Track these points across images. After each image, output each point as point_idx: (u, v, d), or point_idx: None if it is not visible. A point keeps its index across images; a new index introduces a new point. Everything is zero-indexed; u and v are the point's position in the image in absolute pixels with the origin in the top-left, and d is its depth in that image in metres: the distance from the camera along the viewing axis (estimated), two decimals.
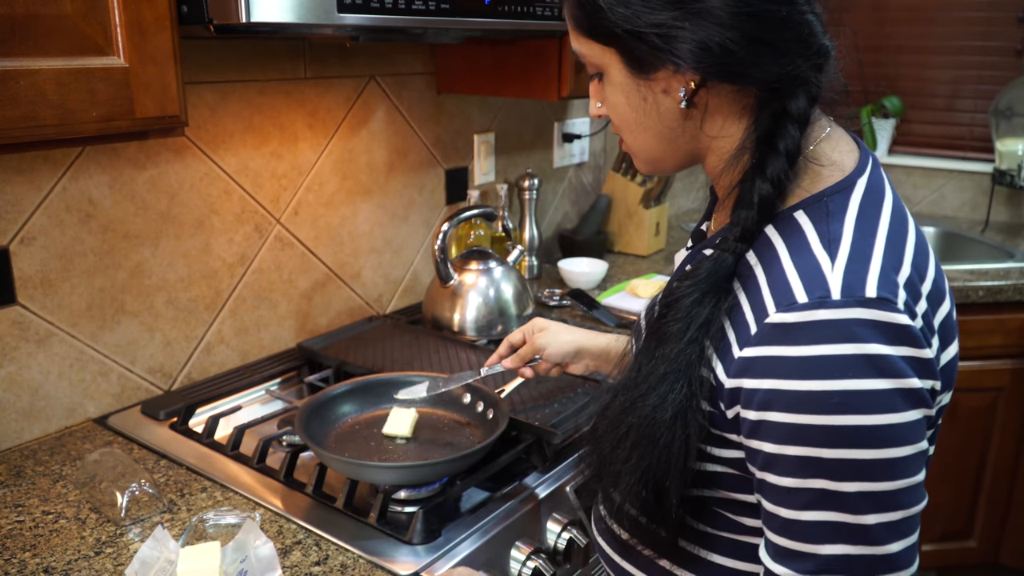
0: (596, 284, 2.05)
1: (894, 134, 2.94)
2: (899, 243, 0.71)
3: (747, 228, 0.72)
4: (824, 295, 0.65)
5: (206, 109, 1.41)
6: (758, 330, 0.68)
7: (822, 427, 0.64)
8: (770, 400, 0.66)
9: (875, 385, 0.63)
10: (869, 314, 0.64)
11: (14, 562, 0.97)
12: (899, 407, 0.64)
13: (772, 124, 0.72)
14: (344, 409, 1.23)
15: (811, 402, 0.64)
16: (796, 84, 0.71)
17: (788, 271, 0.68)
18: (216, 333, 1.51)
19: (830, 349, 0.63)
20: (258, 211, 1.53)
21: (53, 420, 1.29)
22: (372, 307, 1.83)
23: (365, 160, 1.73)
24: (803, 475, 0.66)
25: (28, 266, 1.22)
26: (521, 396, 1.31)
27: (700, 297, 0.72)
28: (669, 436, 0.72)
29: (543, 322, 1.21)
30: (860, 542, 0.65)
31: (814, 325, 0.64)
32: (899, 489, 0.65)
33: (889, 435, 0.64)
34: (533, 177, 2.08)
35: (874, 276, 0.66)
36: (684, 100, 0.74)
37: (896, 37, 2.88)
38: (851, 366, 0.63)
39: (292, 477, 1.16)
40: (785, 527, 0.68)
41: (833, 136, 0.77)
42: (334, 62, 1.62)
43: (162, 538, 0.97)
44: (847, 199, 0.71)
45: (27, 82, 0.85)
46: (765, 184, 0.72)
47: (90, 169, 1.27)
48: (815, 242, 0.69)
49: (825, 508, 0.66)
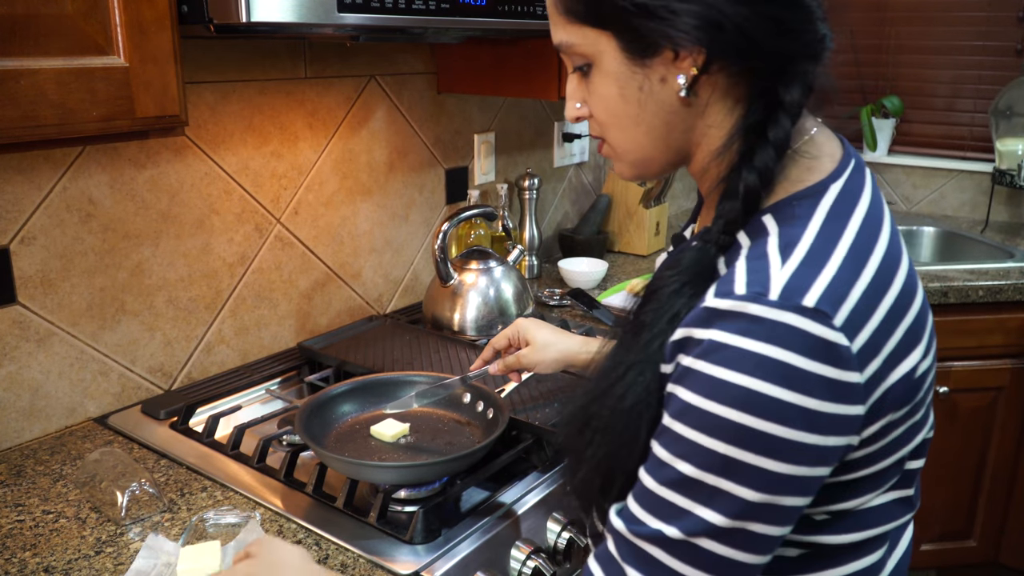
0: (596, 284, 2.05)
1: (894, 134, 2.94)
2: (863, 252, 0.68)
3: (731, 220, 0.71)
4: (762, 292, 0.63)
5: (206, 109, 1.41)
6: (693, 312, 0.67)
7: (712, 415, 0.63)
8: (682, 376, 0.66)
9: (777, 393, 0.61)
10: (800, 322, 0.62)
11: (14, 561, 0.97)
12: (794, 424, 0.61)
13: (764, 114, 0.71)
14: (344, 409, 1.23)
15: (713, 388, 0.63)
16: (794, 73, 0.70)
17: (739, 267, 0.67)
18: (216, 333, 1.51)
19: (748, 344, 0.62)
20: (258, 211, 1.53)
21: (53, 419, 1.29)
22: (372, 307, 1.83)
23: (365, 160, 1.73)
24: (676, 452, 0.66)
25: (28, 266, 1.22)
26: (521, 396, 1.31)
27: (678, 288, 0.72)
28: (625, 424, 0.72)
29: (528, 331, 1.18)
30: (696, 532, 0.65)
31: (740, 316, 0.63)
32: (759, 503, 0.63)
33: (772, 446, 0.62)
34: (533, 177, 2.08)
35: (820, 286, 0.63)
36: (685, 87, 0.71)
37: (896, 37, 2.88)
38: (761, 367, 0.61)
39: (292, 477, 1.16)
40: (642, 494, 0.69)
41: (817, 138, 0.75)
42: (334, 62, 1.62)
43: (155, 544, 0.96)
44: (816, 204, 0.70)
45: (27, 82, 0.85)
46: (752, 174, 0.70)
47: (90, 169, 1.27)
48: (773, 244, 0.67)
49: (680, 492, 0.65)
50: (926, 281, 2.09)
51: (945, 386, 2.14)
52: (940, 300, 2.08)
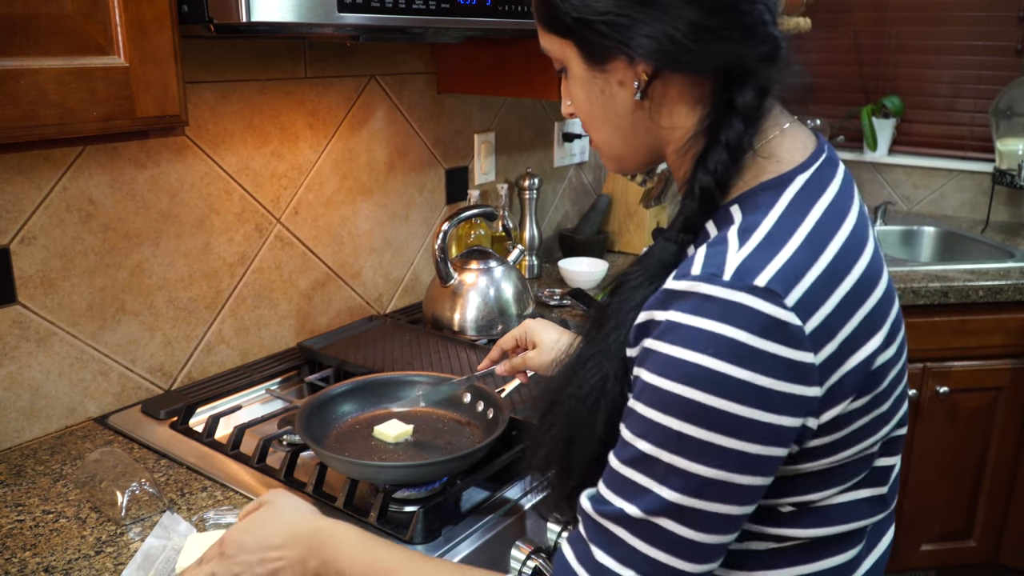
0: (596, 284, 2.05)
1: (894, 134, 2.93)
2: (821, 239, 0.69)
3: (688, 218, 0.74)
4: (715, 273, 0.65)
5: (206, 108, 1.41)
6: (653, 295, 0.69)
7: (667, 392, 0.65)
8: (643, 357, 0.68)
9: (727, 370, 0.63)
10: (751, 301, 0.63)
11: (14, 561, 0.97)
12: (744, 400, 0.63)
13: (718, 116, 0.73)
14: (344, 409, 1.23)
15: (668, 366, 0.65)
16: (744, 75, 0.72)
17: (700, 252, 0.69)
18: (216, 332, 1.51)
19: (700, 322, 0.64)
20: (258, 210, 1.53)
21: (53, 419, 1.29)
22: (372, 307, 1.83)
23: (365, 159, 1.73)
24: (636, 432, 0.68)
25: (28, 265, 1.22)
26: (521, 396, 1.31)
27: (640, 283, 0.74)
28: (579, 412, 0.75)
29: (535, 332, 1.18)
30: (654, 512, 0.66)
31: (695, 297, 0.65)
32: (712, 479, 0.65)
33: (722, 422, 0.64)
34: (533, 177, 2.08)
35: (773, 268, 0.65)
36: (638, 91, 0.75)
37: (896, 36, 2.88)
38: (712, 343, 0.63)
39: (292, 476, 1.16)
40: (609, 474, 0.70)
41: (790, 133, 0.76)
42: (334, 61, 1.62)
43: (170, 523, 0.97)
44: (780, 194, 0.72)
45: (28, 81, 0.85)
46: (706, 176, 0.72)
47: (90, 168, 1.27)
48: (733, 230, 0.70)
49: (638, 469, 0.67)
50: (926, 281, 2.09)
51: (945, 386, 2.14)
52: (940, 300, 2.08)
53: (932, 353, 2.13)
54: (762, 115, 0.74)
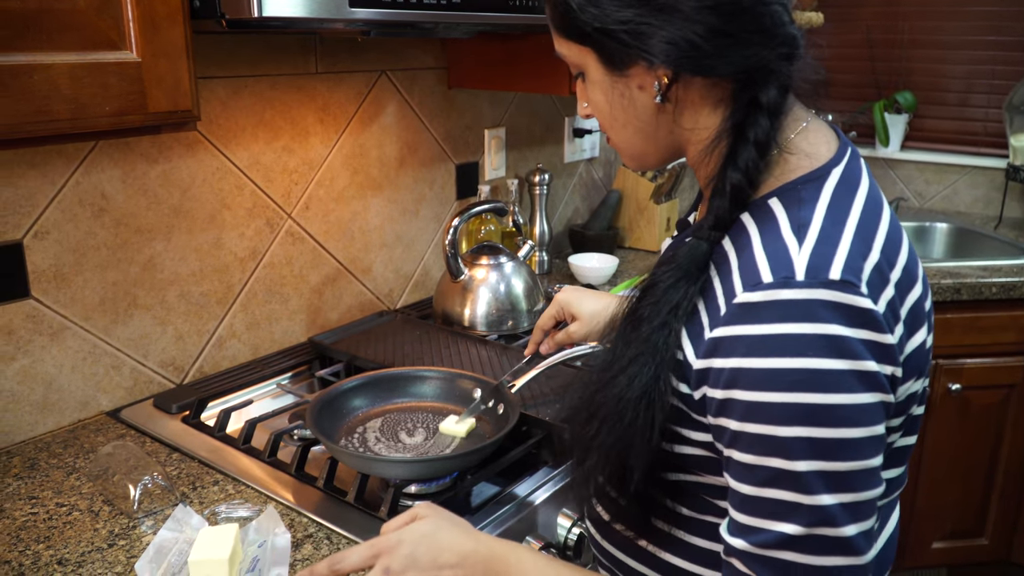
0: (607, 280, 2.05)
1: (907, 129, 2.92)
2: (869, 230, 0.71)
3: (720, 216, 0.74)
4: (789, 276, 0.66)
5: (218, 104, 1.41)
6: (726, 311, 0.69)
7: (779, 404, 0.65)
8: (735, 378, 0.68)
9: (832, 365, 0.64)
10: (831, 295, 0.65)
11: (28, 553, 0.98)
12: (854, 388, 0.64)
13: (743, 115, 0.74)
14: (355, 403, 1.23)
15: (770, 379, 0.65)
16: (766, 75, 0.72)
17: (758, 254, 0.70)
18: (228, 327, 1.51)
19: (791, 328, 0.65)
20: (269, 206, 1.54)
21: (66, 413, 1.30)
22: (383, 302, 1.83)
23: (376, 155, 1.73)
24: (760, 452, 0.67)
25: (42, 260, 1.23)
26: (532, 391, 1.31)
27: (674, 282, 0.74)
28: (634, 414, 0.74)
29: (572, 305, 1.18)
30: (814, 522, 0.66)
31: (777, 304, 0.66)
32: (852, 471, 0.65)
33: (843, 415, 0.65)
34: (544, 172, 2.07)
35: (840, 260, 0.67)
36: (658, 95, 0.76)
37: (909, 32, 2.86)
38: (810, 345, 0.64)
39: (303, 471, 1.16)
40: (744, 503, 0.69)
41: (811, 128, 0.78)
42: (345, 57, 1.62)
43: (183, 516, 0.98)
44: (820, 187, 0.73)
45: (41, 76, 0.85)
46: (736, 173, 0.73)
47: (103, 163, 1.28)
48: (785, 227, 0.70)
49: (780, 486, 0.66)
50: (939, 278, 2.08)
51: (957, 383, 2.13)
52: (953, 297, 2.07)
53: (944, 350, 2.11)
54: (785, 111, 0.75)
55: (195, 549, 0.89)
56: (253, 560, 0.93)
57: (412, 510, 0.86)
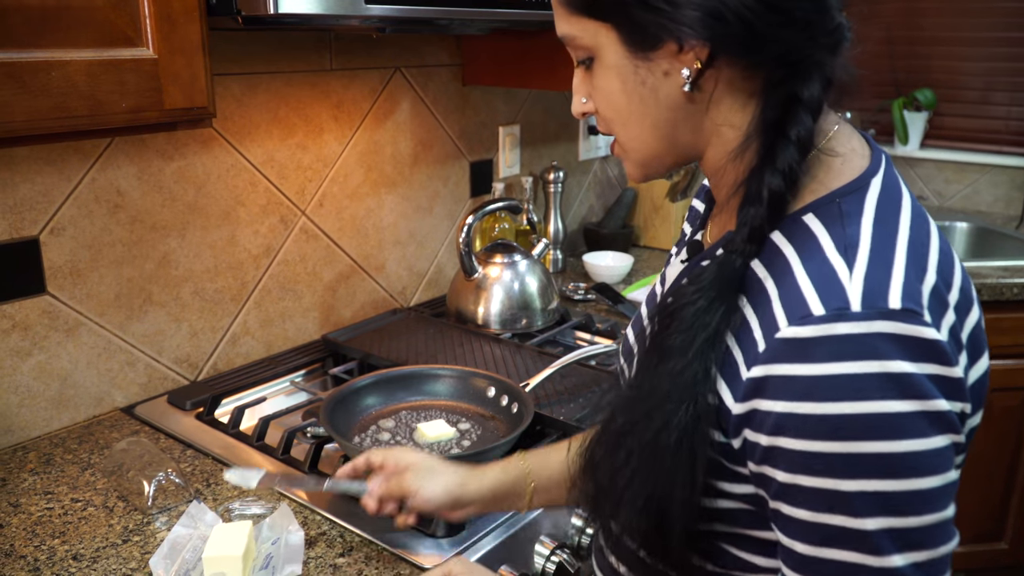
0: (621, 278, 2.05)
1: (926, 127, 2.90)
2: (922, 248, 0.64)
3: (756, 227, 0.66)
4: (843, 306, 0.59)
5: (233, 100, 1.42)
6: (768, 346, 0.61)
7: (840, 455, 0.58)
8: (783, 424, 0.60)
9: (899, 407, 0.57)
10: (893, 327, 0.58)
11: (43, 548, 0.99)
12: (925, 432, 0.57)
13: (782, 111, 0.66)
14: (368, 401, 1.24)
15: (827, 427, 0.58)
16: (810, 66, 0.65)
17: (801, 281, 0.62)
18: (241, 324, 1.52)
19: (849, 367, 0.57)
20: (283, 203, 1.55)
21: (81, 409, 1.31)
22: (396, 299, 1.83)
23: (390, 152, 1.74)
24: (820, 508, 0.60)
25: (58, 256, 1.24)
26: (546, 390, 1.31)
27: (707, 305, 0.66)
28: (674, 463, 0.65)
29: (410, 457, 0.95)
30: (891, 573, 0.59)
31: (832, 340, 0.58)
32: (926, 525, 0.59)
33: (915, 464, 0.57)
34: (558, 170, 2.08)
35: (897, 285, 0.59)
36: (688, 82, 0.67)
37: (929, 28, 2.84)
38: (873, 386, 0.57)
39: (317, 468, 1.16)
40: (802, 564, 0.62)
41: (842, 132, 0.70)
42: (360, 53, 1.62)
43: (197, 513, 0.98)
44: (862, 200, 0.65)
45: (59, 73, 0.86)
46: (775, 177, 0.65)
47: (118, 160, 1.29)
48: (830, 248, 0.63)
49: (845, 546, 0.59)
50: None
51: None
52: None
53: None
54: (823, 111, 0.67)
55: (209, 545, 0.90)
56: (267, 557, 0.94)
57: (446, 566, 0.85)
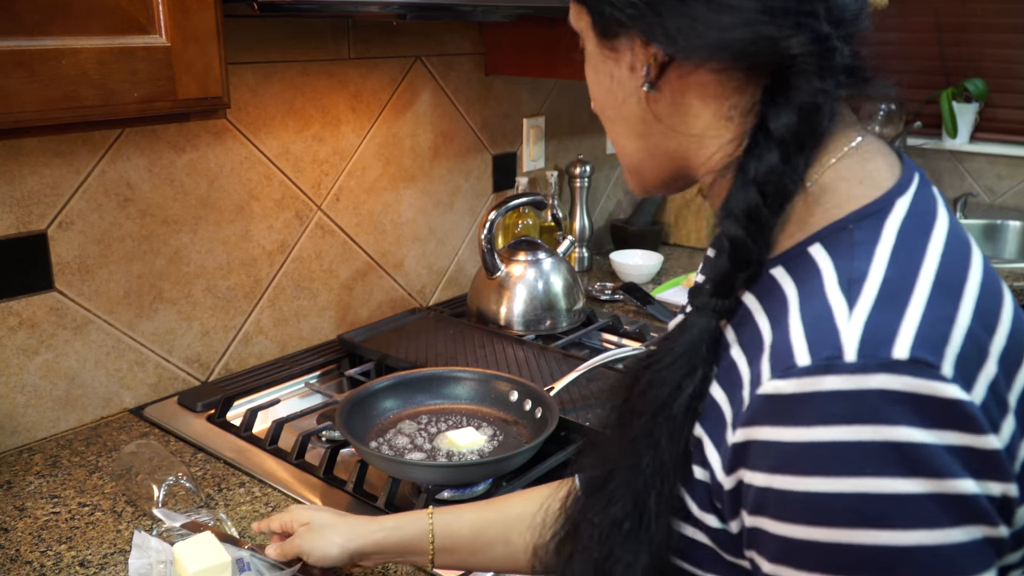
0: (651, 278, 2.04)
1: (977, 119, 2.86)
2: (955, 281, 0.54)
3: (719, 282, 0.60)
4: (834, 355, 0.50)
5: (247, 90, 1.43)
6: (750, 404, 0.53)
7: (827, 546, 0.49)
8: (763, 502, 0.52)
9: (903, 487, 0.47)
10: (898, 383, 0.48)
11: (50, 554, 1.00)
12: (940, 521, 0.47)
13: (749, 141, 0.59)
14: (386, 405, 1.24)
15: (815, 508, 0.50)
16: (784, 87, 0.57)
17: (793, 324, 0.53)
18: (255, 323, 1.53)
19: (839, 433, 0.49)
20: (299, 197, 1.56)
21: (89, 410, 1.33)
22: (415, 298, 1.84)
23: (409, 144, 1.74)
24: None
25: (66, 251, 1.26)
26: (571, 395, 1.31)
27: (681, 377, 0.59)
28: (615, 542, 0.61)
29: (304, 516, 0.93)
30: None
31: (818, 398, 0.49)
32: None
33: (926, 564, 0.48)
34: (585, 164, 2.07)
35: (910, 328, 0.49)
36: (647, 80, 0.62)
37: (981, 14, 2.80)
38: (870, 459, 0.48)
39: (332, 474, 1.17)
40: None
41: (866, 146, 0.61)
42: (379, 42, 1.63)
43: (142, 543, 0.95)
44: (880, 225, 0.56)
45: (69, 61, 0.87)
46: (730, 223, 0.58)
47: (129, 152, 1.30)
48: (831, 284, 0.54)
49: None
50: (1010, 280, 2.04)
51: None
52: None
53: None
54: (816, 138, 0.58)
55: (189, 563, 0.89)
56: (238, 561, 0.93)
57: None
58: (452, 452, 1.15)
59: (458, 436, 1.17)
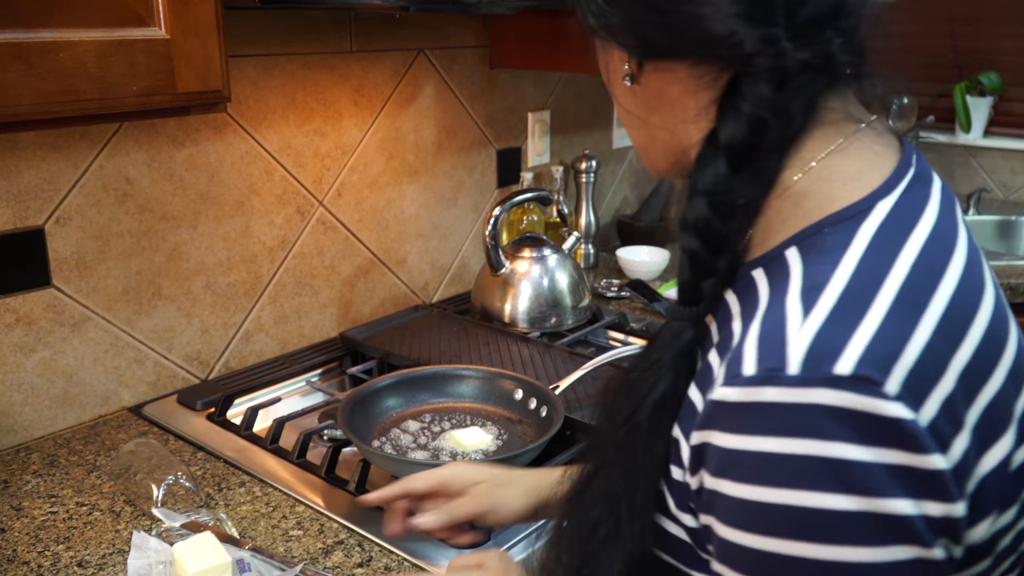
0: (658, 274, 2.03)
1: (991, 113, 2.84)
2: (921, 293, 0.53)
3: (683, 290, 0.62)
4: (776, 367, 0.50)
5: (247, 84, 1.43)
6: (704, 407, 0.55)
7: (763, 553, 0.51)
8: (711, 503, 0.54)
9: (835, 503, 0.48)
10: (838, 399, 0.48)
11: (47, 555, 1.00)
12: (868, 539, 0.48)
13: (701, 149, 0.60)
14: (389, 403, 1.24)
15: (750, 515, 0.51)
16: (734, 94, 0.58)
17: (751, 330, 0.54)
18: (255, 320, 1.53)
19: (778, 444, 0.49)
20: (300, 192, 1.55)
21: (87, 408, 1.33)
22: (418, 295, 1.84)
23: (412, 139, 1.74)
24: None
25: (63, 247, 1.26)
26: (577, 393, 1.30)
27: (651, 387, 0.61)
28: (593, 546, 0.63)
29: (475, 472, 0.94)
30: None
31: (761, 409, 0.51)
32: None
33: None
34: (591, 159, 2.07)
35: (859, 343, 0.49)
36: (627, 74, 0.64)
37: (995, 5, 2.78)
38: (805, 472, 0.49)
39: (334, 473, 1.17)
40: None
41: (855, 144, 0.60)
42: (381, 34, 1.62)
43: (142, 543, 0.96)
44: (855, 229, 0.56)
45: (67, 54, 0.87)
46: (684, 234, 0.60)
47: (127, 146, 1.30)
48: (794, 290, 0.54)
49: None
50: None
51: None
52: None
53: None
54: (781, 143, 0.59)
55: (189, 564, 0.89)
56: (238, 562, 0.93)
57: (482, 555, 0.83)
58: (457, 451, 1.15)
59: (463, 435, 1.16)
